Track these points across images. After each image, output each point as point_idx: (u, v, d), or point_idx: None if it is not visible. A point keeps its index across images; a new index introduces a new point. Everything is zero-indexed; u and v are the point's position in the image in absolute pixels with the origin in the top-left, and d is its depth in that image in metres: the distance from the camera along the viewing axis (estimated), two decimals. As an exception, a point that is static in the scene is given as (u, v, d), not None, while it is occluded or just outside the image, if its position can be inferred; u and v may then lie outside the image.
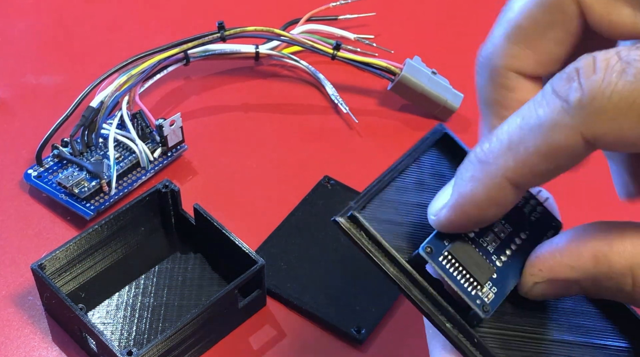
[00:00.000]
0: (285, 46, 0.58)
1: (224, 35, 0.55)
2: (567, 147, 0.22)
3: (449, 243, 0.25)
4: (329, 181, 0.50)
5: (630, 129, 0.21)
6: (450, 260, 0.25)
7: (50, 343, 0.43)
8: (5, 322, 0.43)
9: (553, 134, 0.22)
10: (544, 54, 0.24)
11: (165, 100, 0.57)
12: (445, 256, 0.25)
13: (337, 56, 0.56)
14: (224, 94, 0.58)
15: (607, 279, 0.23)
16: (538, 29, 0.24)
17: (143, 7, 0.65)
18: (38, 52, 0.61)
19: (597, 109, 0.21)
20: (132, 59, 0.53)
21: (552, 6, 0.23)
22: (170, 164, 0.52)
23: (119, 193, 0.49)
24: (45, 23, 0.63)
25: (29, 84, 0.58)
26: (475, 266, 0.25)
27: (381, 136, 0.55)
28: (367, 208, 0.26)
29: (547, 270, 0.25)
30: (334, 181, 0.50)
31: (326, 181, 0.50)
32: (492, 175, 0.23)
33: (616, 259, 0.23)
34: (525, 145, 0.22)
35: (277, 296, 0.44)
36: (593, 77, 0.21)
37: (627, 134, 0.21)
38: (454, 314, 0.25)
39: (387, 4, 0.65)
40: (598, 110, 0.21)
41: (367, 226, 0.25)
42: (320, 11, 0.60)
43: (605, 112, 0.21)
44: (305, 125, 0.55)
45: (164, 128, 0.50)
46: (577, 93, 0.21)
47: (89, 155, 0.50)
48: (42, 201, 0.50)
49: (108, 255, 0.45)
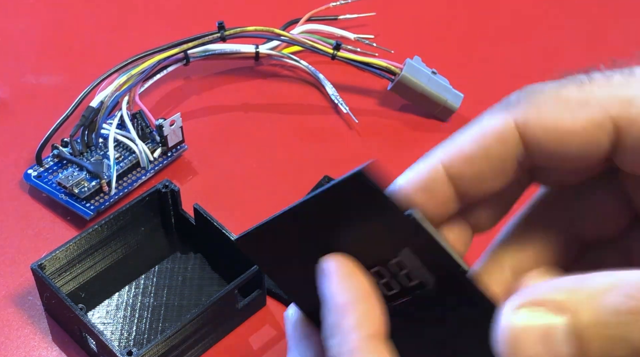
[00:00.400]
0: (285, 46, 0.58)
1: (224, 35, 0.55)
2: (498, 129, 0.23)
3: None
4: (328, 181, 0.50)
5: (555, 113, 0.23)
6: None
7: (50, 343, 0.43)
8: (5, 322, 0.43)
9: (486, 120, 0.24)
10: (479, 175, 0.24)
11: (165, 100, 0.57)
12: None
13: (337, 56, 0.56)
14: (224, 94, 0.58)
15: (592, 297, 0.20)
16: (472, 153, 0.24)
17: (143, 7, 0.65)
18: (38, 52, 0.61)
19: (528, 100, 0.23)
20: (132, 59, 0.53)
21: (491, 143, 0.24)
22: (170, 164, 0.52)
23: (119, 193, 0.49)
24: (45, 23, 0.63)
25: (29, 84, 0.58)
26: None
27: (381, 136, 0.55)
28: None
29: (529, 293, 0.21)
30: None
31: (326, 181, 0.50)
32: (426, 162, 0.24)
33: (594, 277, 0.20)
34: (460, 134, 0.24)
35: (277, 295, 0.44)
36: (529, 87, 0.24)
37: (552, 119, 0.23)
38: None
39: (387, 4, 0.65)
40: (528, 100, 0.23)
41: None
42: (320, 11, 0.60)
43: (534, 101, 0.23)
44: (305, 125, 0.55)
45: (164, 128, 0.50)
46: (513, 96, 0.24)
47: (89, 155, 0.50)
48: (42, 201, 0.50)
49: (108, 255, 0.45)
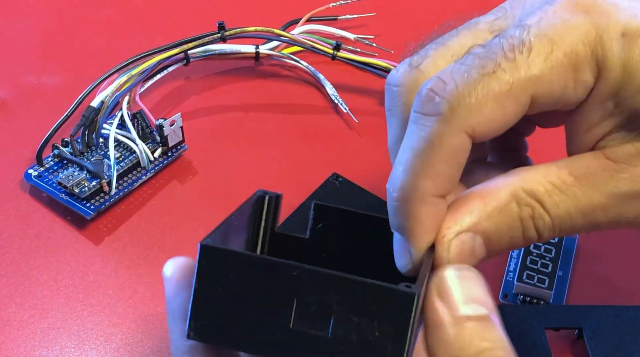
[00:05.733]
0: (285, 46, 0.58)
1: (224, 35, 0.55)
2: (459, 146, 0.26)
3: None
4: (337, 178, 0.50)
5: (493, 113, 0.26)
6: None
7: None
8: (6, 322, 0.43)
9: (445, 141, 0.26)
10: (456, 181, 0.28)
11: (166, 100, 0.57)
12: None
13: (337, 56, 0.56)
14: (224, 94, 0.58)
15: (497, 211, 0.27)
16: (450, 172, 0.28)
17: (143, 7, 0.65)
18: (38, 52, 0.61)
19: (467, 109, 0.26)
20: (132, 59, 0.53)
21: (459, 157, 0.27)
22: (170, 164, 0.52)
23: (119, 193, 0.49)
24: (46, 23, 0.63)
25: (29, 84, 0.58)
26: None
27: (381, 136, 0.54)
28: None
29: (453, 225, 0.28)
30: (342, 178, 0.50)
31: (334, 178, 0.50)
32: (423, 201, 0.27)
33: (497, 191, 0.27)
34: (431, 161, 0.27)
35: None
36: (447, 88, 0.26)
37: (491, 117, 0.26)
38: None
39: (387, 4, 0.65)
40: (467, 109, 0.26)
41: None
42: (320, 11, 0.60)
43: (472, 108, 0.26)
44: (305, 125, 0.55)
45: (164, 128, 0.50)
46: (444, 104, 0.26)
47: (89, 155, 0.50)
48: (42, 201, 0.50)
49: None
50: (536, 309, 0.43)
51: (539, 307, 0.43)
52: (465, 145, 0.27)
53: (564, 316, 0.42)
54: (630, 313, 0.42)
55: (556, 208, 0.27)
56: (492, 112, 0.26)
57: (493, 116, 0.27)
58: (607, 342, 0.41)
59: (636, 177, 0.27)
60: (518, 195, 0.27)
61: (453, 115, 0.26)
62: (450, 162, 0.27)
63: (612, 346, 0.41)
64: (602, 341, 0.41)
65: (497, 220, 0.27)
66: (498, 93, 0.26)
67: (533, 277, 0.44)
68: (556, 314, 0.42)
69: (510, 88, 0.26)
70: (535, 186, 0.27)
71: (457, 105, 0.26)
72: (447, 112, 0.26)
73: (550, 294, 0.44)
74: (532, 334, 0.41)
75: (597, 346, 0.41)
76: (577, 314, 0.42)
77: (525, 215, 0.27)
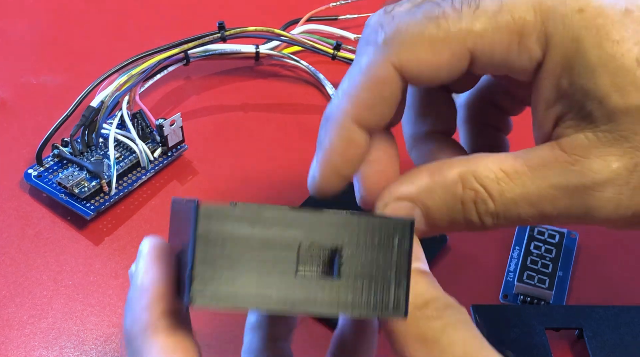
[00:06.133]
0: (285, 46, 0.58)
1: (224, 35, 0.55)
2: (383, 77, 0.28)
3: None
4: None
5: (425, 54, 0.27)
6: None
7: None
8: (6, 323, 0.43)
9: (372, 70, 0.28)
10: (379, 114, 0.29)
11: (166, 100, 0.57)
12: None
13: (337, 56, 0.56)
14: (224, 94, 0.58)
15: (441, 188, 0.28)
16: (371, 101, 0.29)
17: (143, 7, 0.65)
18: (38, 52, 0.61)
19: (399, 43, 0.27)
20: (132, 59, 0.53)
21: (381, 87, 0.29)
22: (170, 164, 0.52)
23: (119, 193, 0.49)
24: (45, 23, 0.63)
25: (29, 84, 0.58)
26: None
27: (381, 136, 0.55)
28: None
29: (394, 191, 0.29)
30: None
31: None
32: (338, 122, 0.29)
33: (447, 170, 0.28)
34: (356, 87, 0.28)
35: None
36: (392, 23, 0.27)
37: (423, 60, 0.27)
38: None
39: (387, 4, 0.65)
40: (400, 43, 0.27)
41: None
42: (320, 11, 0.60)
43: (404, 44, 0.27)
44: (305, 125, 0.55)
45: (164, 128, 0.50)
46: (382, 35, 0.28)
47: (89, 155, 0.50)
48: (42, 201, 0.50)
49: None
50: (536, 309, 0.42)
51: (539, 308, 0.43)
52: (391, 78, 0.28)
53: (564, 316, 0.42)
54: (630, 313, 0.42)
55: (501, 195, 0.28)
56: (424, 54, 0.27)
57: (425, 59, 0.27)
58: (607, 342, 0.41)
59: (586, 170, 0.27)
60: (465, 177, 0.28)
61: (385, 47, 0.27)
62: (373, 91, 0.28)
63: (612, 346, 0.41)
64: (602, 341, 0.41)
65: (438, 196, 0.28)
66: (434, 37, 0.27)
67: (533, 277, 0.44)
68: (556, 314, 0.42)
69: (446, 35, 0.27)
70: (485, 172, 0.28)
71: (391, 38, 0.27)
72: (381, 44, 0.27)
73: (551, 294, 0.44)
74: (533, 334, 0.41)
75: (597, 346, 0.41)
76: (577, 314, 0.42)
77: (467, 198, 0.28)
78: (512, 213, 0.28)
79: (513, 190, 0.27)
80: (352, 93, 0.28)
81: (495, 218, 0.28)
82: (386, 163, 0.30)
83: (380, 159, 0.30)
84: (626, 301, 0.44)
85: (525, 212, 0.28)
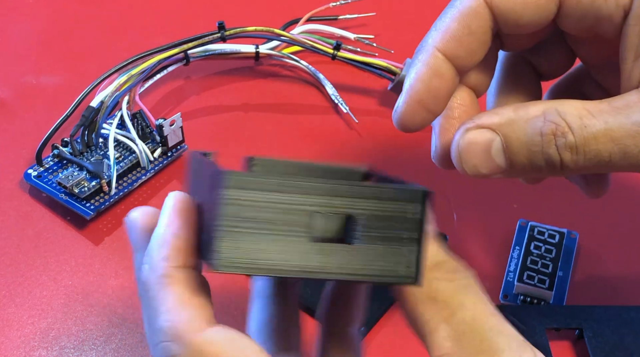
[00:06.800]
0: (285, 46, 0.58)
1: (224, 35, 0.55)
2: (473, 8, 0.29)
3: None
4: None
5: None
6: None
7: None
8: (6, 323, 0.43)
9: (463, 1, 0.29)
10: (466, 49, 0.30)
11: (165, 100, 0.57)
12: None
13: (337, 56, 0.56)
14: (224, 94, 0.58)
15: (523, 120, 0.28)
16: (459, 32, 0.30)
17: (143, 7, 0.65)
18: (38, 52, 0.61)
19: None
20: (132, 59, 0.53)
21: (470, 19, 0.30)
22: (170, 164, 0.52)
23: (119, 193, 0.49)
24: (45, 23, 0.63)
25: (29, 84, 0.58)
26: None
27: (381, 136, 0.55)
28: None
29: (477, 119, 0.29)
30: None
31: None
32: (426, 50, 0.29)
33: (532, 106, 0.29)
34: (446, 19, 0.29)
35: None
36: None
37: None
38: None
39: (387, 4, 0.65)
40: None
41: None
42: (320, 11, 0.60)
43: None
44: (305, 125, 0.55)
45: (164, 128, 0.50)
46: None
47: (89, 155, 0.50)
48: (42, 201, 0.50)
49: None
50: (537, 309, 0.42)
51: (539, 308, 0.43)
52: (480, 10, 0.29)
53: (564, 316, 0.42)
54: (630, 313, 0.42)
55: (582, 129, 0.28)
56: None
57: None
58: (607, 342, 0.41)
59: None
60: (548, 111, 0.28)
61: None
62: (461, 22, 0.29)
63: (612, 346, 0.41)
64: (602, 341, 0.41)
65: (519, 128, 0.28)
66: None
67: (533, 277, 0.44)
68: (557, 315, 0.42)
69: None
70: (568, 109, 0.28)
71: None
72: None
73: (551, 295, 0.44)
74: (533, 334, 0.41)
75: (597, 346, 0.41)
76: (577, 314, 0.42)
77: (547, 130, 0.28)
78: (591, 148, 0.28)
79: (594, 125, 0.28)
80: (442, 25, 0.30)
81: (574, 153, 0.28)
82: (466, 117, 0.30)
83: (461, 110, 0.31)
84: (626, 301, 0.44)
85: (605, 148, 0.28)
